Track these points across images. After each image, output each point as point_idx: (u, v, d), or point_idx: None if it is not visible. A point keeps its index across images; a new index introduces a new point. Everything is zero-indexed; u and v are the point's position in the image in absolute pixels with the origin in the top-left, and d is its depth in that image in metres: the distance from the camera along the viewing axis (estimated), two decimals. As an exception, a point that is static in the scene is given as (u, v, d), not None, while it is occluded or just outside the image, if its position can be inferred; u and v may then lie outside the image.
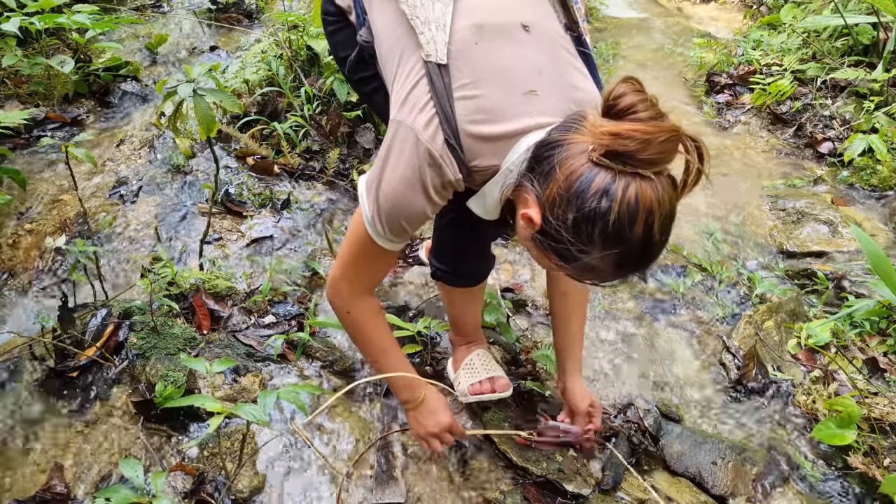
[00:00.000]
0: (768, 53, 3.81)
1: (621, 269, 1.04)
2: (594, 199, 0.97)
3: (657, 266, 2.45)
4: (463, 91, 1.15)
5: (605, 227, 0.97)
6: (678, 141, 0.97)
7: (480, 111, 1.15)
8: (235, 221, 2.44)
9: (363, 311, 1.43)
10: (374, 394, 1.86)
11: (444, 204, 1.25)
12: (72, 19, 2.72)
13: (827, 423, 1.79)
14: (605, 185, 0.97)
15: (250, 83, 2.92)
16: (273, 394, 1.32)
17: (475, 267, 1.63)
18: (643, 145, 0.94)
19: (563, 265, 1.07)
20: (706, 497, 1.69)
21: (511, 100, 1.15)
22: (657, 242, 1.00)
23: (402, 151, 1.18)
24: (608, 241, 0.99)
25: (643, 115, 0.97)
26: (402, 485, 1.60)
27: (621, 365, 2.06)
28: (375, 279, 1.45)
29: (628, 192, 0.96)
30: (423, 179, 1.17)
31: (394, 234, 1.26)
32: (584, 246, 1.01)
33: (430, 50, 1.17)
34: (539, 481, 1.62)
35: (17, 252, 2.22)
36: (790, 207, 2.77)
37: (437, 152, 1.15)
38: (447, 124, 1.14)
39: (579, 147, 1.01)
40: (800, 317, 2.25)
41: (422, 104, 1.16)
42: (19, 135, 2.73)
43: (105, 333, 1.83)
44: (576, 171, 0.99)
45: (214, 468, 1.56)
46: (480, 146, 1.16)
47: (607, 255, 1.00)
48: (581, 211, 0.99)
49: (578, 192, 0.99)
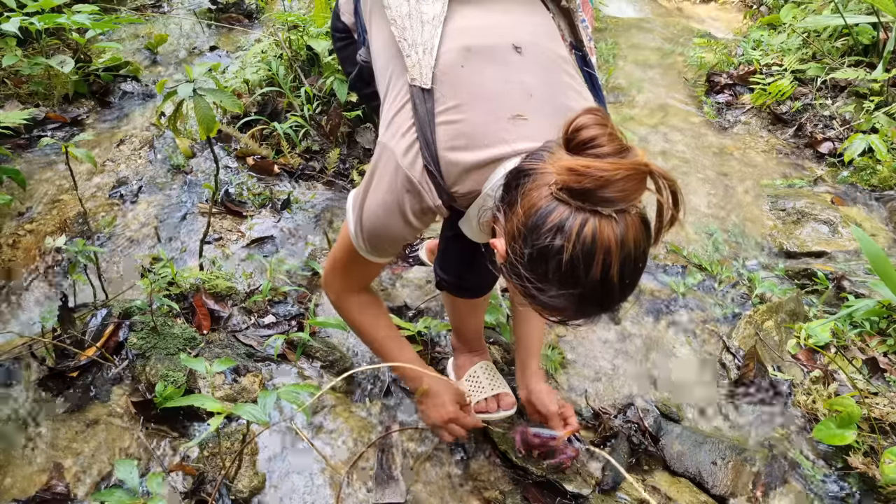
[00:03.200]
0: (768, 53, 3.81)
1: (581, 310, 0.99)
2: (548, 236, 0.92)
3: (657, 266, 2.45)
4: (445, 115, 1.13)
5: (559, 265, 0.92)
6: (642, 179, 0.90)
7: (461, 136, 1.12)
8: (235, 221, 2.44)
9: (355, 305, 1.45)
10: (374, 394, 1.86)
11: (425, 228, 1.24)
12: (72, 19, 2.72)
13: (827, 423, 1.79)
14: (561, 222, 0.91)
15: (250, 83, 2.92)
16: (273, 394, 1.32)
17: (480, 279, 1.60)
18: (601, 183, 0.88)
19: (525, 301, 1.03)
20: (706, 497, 1.69)
21: (494, 125, 1.12)
22: (615, 285, 0.93)
23: (383, 175, 1.18)
24: (563, 281, 0.94)
25: (604, 150, 0.91)
26: (401, 485, 1.60)
27: (621, 365, 2.06)
28: (365, 281, 1.45)
29: (584, 230, 0.90)
30: (401, 205, 1.16)
31: (375, 251, 1.27)
32: (541, 284, 0.96)
33: (415, 74, 1.15)
34: (539, 481, 1.62)
35: (17, 252, 2.22)
36: (790, 207, 2.77)
37: (416, 179, 1.13)
38: (427, 150, 1.13)
39: (546, 178, 0.95)
40: (800, 317, 2.25)
41: (404, 129, 1.15)
42: (19, 135, 2.73)
43: (105, 333, 1.83)
44: (535, 204, 0.95)
45: (214, 468, 1.57)
46: (460, 172, 1.14)
47: (564, 294, 0.95)
48: (536, 247, 0.94)
49: (534, 226, 0.94)
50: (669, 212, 0.93)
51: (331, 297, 1.46)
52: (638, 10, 4.98)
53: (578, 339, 2.13)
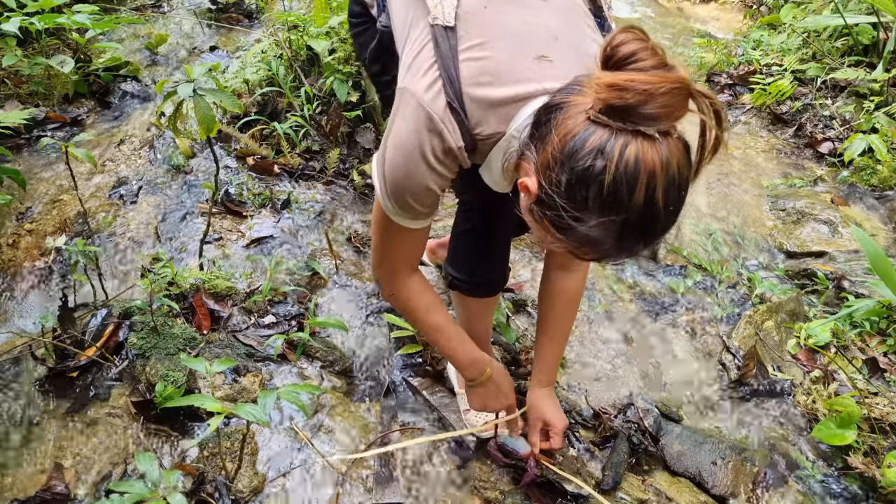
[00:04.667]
0: (768, 53, 3.81)
1: (623, 241, 0.93)
2: (588, 159, 0.87)
3: (657, 266, 2.45)
4: (469, 53, 1.10)
5: (601, 190, 0.87)
6: (686, 94, 0.86)
7: (486, 73, 1.08)
8: (235, 221, 2.44)
9: (406, 291, 1.38)
10: (374, 394, 1.86)
11: (450, 177, 1.17)
12: (72, 19, 2.72)
13: (827, 423, 1.79)
14: (601, 144, 0.87)
15: (250, 83, 2.92)
16: (273, 394, 1.32)
17: (492, 275, 1.59)
18: (644, 98, 0.84)
19: (560, 237, 0.97)
20: (706, 497, 1.69)
21: (520, 63, 1.09)
22: (660, 211, 0.88)
23: (403, 118, 1.13)
24: (605, 206, 0.89)
25: (646, 63, 0.87)
26: (401, 485, 1.60)
27: (621, 365, 2.06)
28: (409, 259, 1.37)
29: (627, 151, 0.85)
30: (422, 147, 1.11)
31: (402, 209, 1.20)
32: (579, 212, 0.91)
33: (437, 13, 1.12)
34: (539, 481, 1.62)
35: (17, 252, 2.22)
36: (790, 207, 2.77)
37: (438, 116, 1.08)
38: (450, 87, 1.08)
39: (580, 107, 0.91)
40: (800, 317, 2.25)
41: (425, 68, 1.11)
42: (19, 135, 2.73)
43: (105, 333, 1.83)
44: (571, 130, 0.90)
45: (214, 468, 1.57)
46: (484, 111, 1.09)
47: (605, 222, 0.90)
48: (574, 172, 0.89)
49: (572, 151, 0.89)
50: (713, 133, 0.89)
51: (383, 287, 1.41)
52: (638, 10, 4.98)
53: (579, 339, 2.13)
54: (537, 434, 1.60)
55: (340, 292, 2.19)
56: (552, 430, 1.58)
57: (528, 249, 2.47)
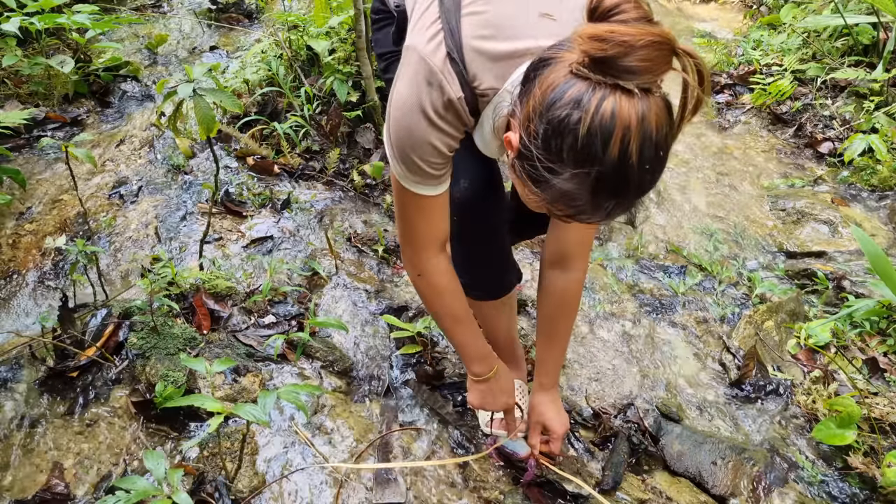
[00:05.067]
0: (768, 53, 3.81)
1: (597, 196, 0.92)
2: (564, 109, 0.88)
3: (657, 266, 2.45)
4: (473, 7, 1.11)
5: (575, 141, 0.87)
6: (667, 50, 0.86)
7: (488, 26, 1.09)
8: (235, 221, 2.44)
9: (433, 271, 1.36)
10: (374, 394, 1.86)
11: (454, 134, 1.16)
12: (72, 19, 2.72)
13: (827, 423, 1.79)
14: (579, 95, 0.87)
15: (250, 83, 2.92)
16: (273, 394, 1.32)
17: (493, 279, 1.57)
18: (624, 49, 0.84)
19: (536, 191, 0.97)
20: (706, 497, 1.69)
21: (521, 19, 1.09)
22: (635, 167, 0.88)
23: (405, 74, 1.14)
24: (578, 158, 0.88)
25: (629, 15, 0.88)
26: (401, 485, 1.60)
27: (621, 365, 2.06)
28: (433, 235, 1.34)
29: (604, 104, 0.85)
30: (421, 101, 1.11)
31: (410, 171, 1.19)
32: (554, 164, 0.91)
33: None
34: (539, 481, 1.62)
35: (17, 252, 2.22)
36: (790, 207, 2.77)
37: (438, 67, 1.09)
38: (451, 39, 1.09)
39: (566, 62, 0.91)
40: (800, 317, 2.25)
41: (429, 23, 1.13)
42: (19, 135, 2.73)
43: (105, 333, 1.83)
44: (553, 82, 0.90)
45: (214, 468, 1.57)
46: (483, 63, 1.09)
47: (578, 174, 0.90)
48: (551, 123, 0.89)
49: (551, 102, 0.90)
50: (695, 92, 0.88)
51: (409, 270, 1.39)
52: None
53: (579, 340, 2.13)
54: (537, 437, 1.60)
55: (340, 292, 2.19)
56: (552, 436, 1.58)
57: (529, 249, 2.47)
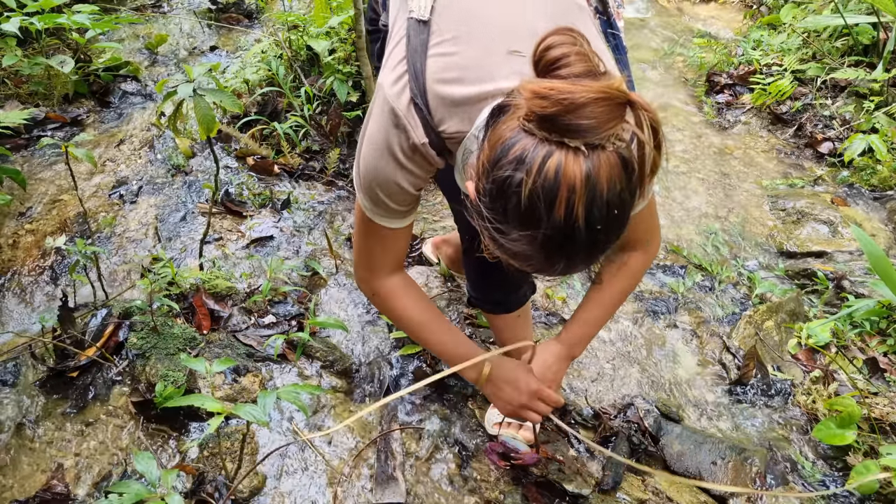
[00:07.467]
0: (768, 53, 3.81)
1: (550, 258, 0.87)
2: (509, 168, 0.82)
3: (657, 266, 2.45)
4: (439, 48, 1.06)
5: (518, 202, 0.82)
6: (615, 104, 0.79)
7: (453, 69, 1.04)
8: (235, 221, 2.44)
9: (387, 292, 1.34)
10: (374, 394, 1.86)
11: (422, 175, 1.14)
12: (72, 19, 2.72)
13: (827, 423, 1.79)
14: (523, 153, 0.81)
15: (250, 83, 2.92)
16: (273, 394, 1.32)
17: (506, 294, 1.55)
18: (564, 108, 0.78)
19: (493, 247, 0.93)
20: (706, 497, 1.69)
21: (489, 59, 1.04)
22: (581, 230, 0.82)
23: (375, 112, 1.12)
24: (523, 220, 0.83)
25: (571, 70, 0.82)
26: (401, 485, 1.60)
27: (621, 365, 2.06)
28: (389, 260, 1.32)
29: (548, 163, 0.79)
30: (389, 142, 1.09)
31: (375, 206, 1.18)
32: (501, 224, 0.86)
33: (413, 6, 1.09)
34: (539, 481, 1.62)
35: (17, 252, 2.22)
36: (790, 207, 2.77)
37: (402, 112, 1.06)
38: (415, 82, 1.05)
39: (520, 111, 0.84)
40: (800, 317, 2.25)
41: (395, 62, 1.09)
42: (19, 135, 2.73)
43: (105, 333, 1.84)
44: (500, 136, 0.85)
45: (214, 468, 1.56)
46: (447, 108, 1.05)
47: (526, 236, 0.85)
48: (496, 182, 0.84)
49: (497, 159, 0.84)
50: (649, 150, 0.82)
51: (363, 289, 1.36)
52: (637, 9, 4.98)
53: (578, 339, 2.13)
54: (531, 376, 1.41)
55: (340, 292, 2.19)
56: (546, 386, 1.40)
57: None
